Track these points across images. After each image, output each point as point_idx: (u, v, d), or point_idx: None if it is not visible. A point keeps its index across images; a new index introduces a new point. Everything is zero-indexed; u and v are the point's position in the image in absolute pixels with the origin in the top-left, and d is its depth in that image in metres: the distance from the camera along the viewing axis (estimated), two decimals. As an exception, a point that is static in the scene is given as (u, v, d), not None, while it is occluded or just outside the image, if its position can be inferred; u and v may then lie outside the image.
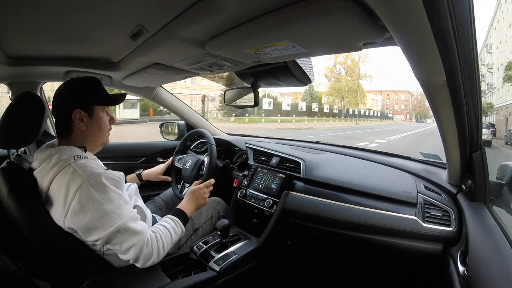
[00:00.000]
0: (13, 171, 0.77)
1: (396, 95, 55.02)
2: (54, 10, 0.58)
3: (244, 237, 1.08)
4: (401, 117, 51.25)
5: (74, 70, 1.06)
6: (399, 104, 54.34)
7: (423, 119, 56.75)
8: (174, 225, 0.85)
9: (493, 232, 0.60)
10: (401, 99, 54.79)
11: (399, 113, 52.09)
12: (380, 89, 54.76)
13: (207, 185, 1.05)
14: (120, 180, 0.75)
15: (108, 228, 0.68)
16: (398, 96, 55.13)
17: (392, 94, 55.49)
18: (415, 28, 0.42)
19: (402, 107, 54.74)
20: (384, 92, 54.74)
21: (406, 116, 54.23)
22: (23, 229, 0.73)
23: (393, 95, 55.26)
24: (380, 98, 51.91)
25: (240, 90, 1.14)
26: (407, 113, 54.68)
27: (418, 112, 58.65)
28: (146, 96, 1.52)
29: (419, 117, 57.32)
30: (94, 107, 0.79)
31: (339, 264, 1.32)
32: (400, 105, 54.70)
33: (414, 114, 56.67)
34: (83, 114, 0.77)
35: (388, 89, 57.07)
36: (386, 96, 54.47)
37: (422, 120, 55.07)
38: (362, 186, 0.98)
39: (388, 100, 53.88)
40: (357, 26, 0.47)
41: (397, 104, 54.06)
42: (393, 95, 55.26)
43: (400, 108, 54.29)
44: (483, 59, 23.45)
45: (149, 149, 1.66)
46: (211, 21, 0.56)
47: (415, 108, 58.89)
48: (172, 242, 0.82)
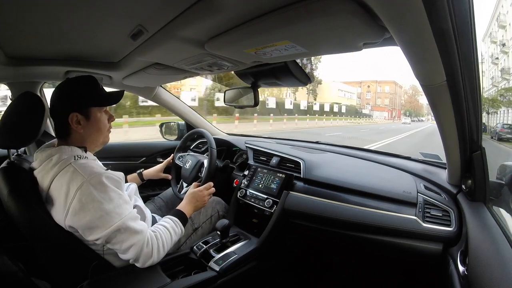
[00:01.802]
0: (13, 171, 0.77)
1: (379, 86, 44.36)
2: (54, 10, 0.58)
3: (244, 237, 1.08)
4: (384, 114, 41.76)
5: (74, 70, 1.05)
6: (382, 98, 44.12)
7: (414, 117, 47.13)
8: (174, 225, 0.85)
9: (493, 232, 0.60)
10: (385, 91, 44.33)
11: (382, 109, 42.46)
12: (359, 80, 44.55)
13: (207, 188, 1.05)
14: (120, 180, 0.75)
15: (109, 227, 0.68)
16: (381, 87, 44.48)
17: (373, 86, 44.59)
18: (415, 28, 0.42)
19: (386, 102, 44.34)
20: (364, 84, 44.30)
21: (392, 114, 44.22)
22: (23, 229, 0.73)
23: (374, 86, 44.30)
24: (356, 90, 41.69)
25: (240, 90, 1.14)
26: (392, 109, 44.56)
27: (409, 108, 49.05)
28: (146, 96, 1.52)
29: (410, 115, 47.97)
30: (91, 108, 0.79)
31: (339, 264, 1.32)
32: (384, 99, 44.26)
33: (404, 110, 48.68)
34: (80, 117, 0.76)
35: (368, 79, 46.50)
36: (367, 88, 43.94)
37: (414, 119, 45.58)
38: (362, 186, 0.98)
39: (369, 93, 43.78)
40: (357, 26, 0.47)
41: (380, 98, 44.06)
42: (374, 86, 44.30)
43: (383, 103, 44.06)
44: (494, 35, 18.66)
45: (149, 149, 1.66)
46: (211, 21, 0.56)
47: (405, 104, 49.39)
48: (172, 242, 0.82)
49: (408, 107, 50.22)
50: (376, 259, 1.17)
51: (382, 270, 1.19)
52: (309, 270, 1.30)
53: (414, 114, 50.58)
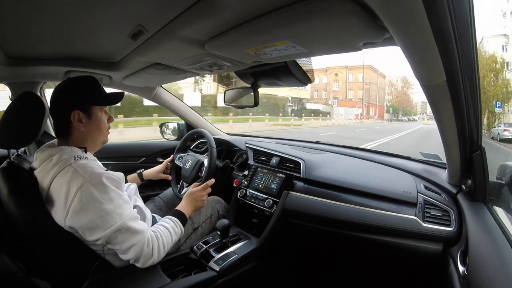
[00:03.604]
0: (13, 171, 0.77)
1: (351, 74, 31.88)
2: (54, 10, 0.58)
3: (244, 237, 1.08)
4: (354, 111, 29.39)
5: (74, 70, 1.05)
6: (355, 90, 32.16)
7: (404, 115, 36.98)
8: (174, 225, 0.85)
9: (493, 232, 0.60)
10: (359, 80, 32.02)
11: (353, 103, 30.87)
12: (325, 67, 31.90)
13: (205, 187, 1.05)
14: (120, 180, 0.75)
15: (109, 227, 0.68)
16: (353, 75, 32.10)
17: (342, 73, 32.01)
18: (415, 28, 0.42)
19: (361, 95, 32.02)
20: (330, 71, 32.56)
21: (369, 111, 32.54)
22: (23, 229, 0.73)
23: (344, 74, 31.52)
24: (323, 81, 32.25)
25: (240, 90, 1.14)
26: (369, 105, 32.52)
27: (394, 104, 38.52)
28: (146, 96, 1.52)
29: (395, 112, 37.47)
30: (92, 107, 0.79)
31: (339, 264, 1.32)
32: (357, 91, 32.11)
33: (388, 107, 37.48)
34: (82, 115, 0.77)
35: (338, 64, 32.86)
36: (334, 76, 32.28)
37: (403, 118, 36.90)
38: (362, 186, 0.98)
39: (337, 83, 32.32)
40: (357, 26, 0.47)
41: (352, 89, 32.09)
42: (344, 74, 31.52)
43: (357, 96, 32.06)
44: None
45: (149, 149, 1.66)
46: (211, 21, 0.56)
47: (393, 99, 39.23)
48: (172, 242, 0.83)
49: (394, 103, 39.50)
50: (376, 259, 1.17)
51: (382, 270, 1.19)
52: (309, 270, 1.30)
53: (403, 112, 40.77)
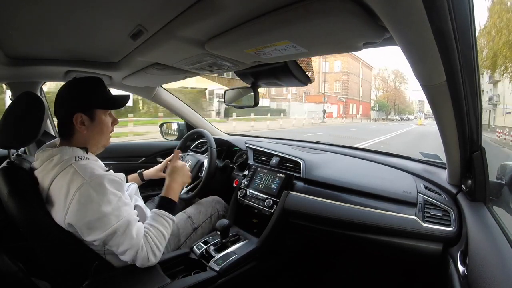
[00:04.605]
0: (13, 171, 0.77)
1: (326, 61, 26.37)
2: (54, 10, 0.58)
3: (244, 237, 1.08)
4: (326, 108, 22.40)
5: (74, 70, 1.05)
6: (330, 82, 27.27)
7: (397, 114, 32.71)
8: (162, 220, 0.81)
9: (493, 232, 0.60)
10: (335, 70, 27.23)
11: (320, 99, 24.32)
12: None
13: (177, 157, 1.02)
14: (121, 181, 0.75)
15: (106, 229, 0.68)
16: (329, 64, 27.11)
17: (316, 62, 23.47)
18: (415, 28, 0.42)
19: (338, 88, 27.25)
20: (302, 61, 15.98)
21: (348, 108, 27.78)
22: (23, 229, 0.73)
23: (317, 63, 24.85)
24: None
25: (240, 90, 1.14)
26: (347, 101, 27.37)
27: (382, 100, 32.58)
28: (146, 96, 1.52)
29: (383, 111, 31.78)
30: (96, 110, 0.79)
31: (339, 264, 1.32)
32: (334, 84, 27.49)
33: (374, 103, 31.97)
34: (85, 117, 0.76)
35: None
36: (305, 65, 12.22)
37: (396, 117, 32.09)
38: (362, 186, 0.98)
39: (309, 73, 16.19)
40: (357, 26, 0.47)
41: (327, 81, 26.83)
42: (317, 63, 24.85)
43: (333, 89, 27.26)
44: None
45: (149, 149, 1.66)
46: (211, 21, 0.56)
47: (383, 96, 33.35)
48: (165, 239, 0.80)
49: (382, 98, 33.42)
50: (376, 259, 1.17)
51: (382, 270, 1.19)
52: (309, 270, 1.30)
53: (396, 110, 35.12)
